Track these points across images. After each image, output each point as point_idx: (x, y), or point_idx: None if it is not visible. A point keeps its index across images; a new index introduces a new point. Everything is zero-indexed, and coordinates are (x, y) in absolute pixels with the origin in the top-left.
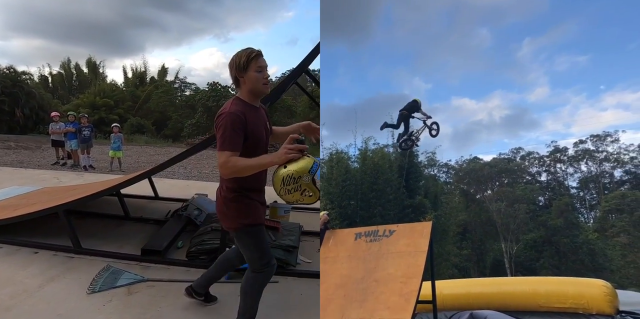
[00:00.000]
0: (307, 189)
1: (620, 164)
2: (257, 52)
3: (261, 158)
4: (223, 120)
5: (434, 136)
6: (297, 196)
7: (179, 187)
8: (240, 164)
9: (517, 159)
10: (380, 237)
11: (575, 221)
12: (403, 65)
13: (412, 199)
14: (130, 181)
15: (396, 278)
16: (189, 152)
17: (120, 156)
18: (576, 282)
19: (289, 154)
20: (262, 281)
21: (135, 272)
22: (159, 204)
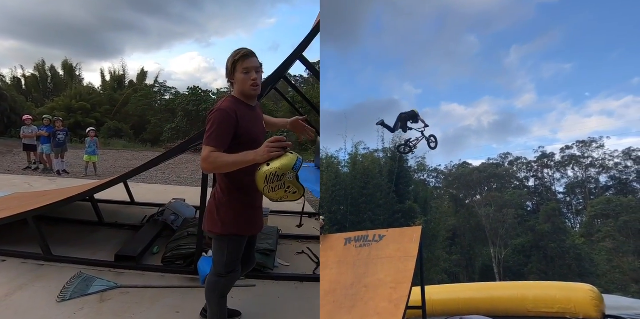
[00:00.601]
0: (291, 186)
1: (605, 170)
2: (242, 54)
3: (243, 155)
4: (213, 115)
5: (433, 148)
6: (281, 194)
7: (156, 192)
8: (220, 160)
9: (505, 165)
10: (370, 242)
11: (563, 226)
12: (393, 70)
13: (402, 204)
14: (104, 185)
15: (386, 283)
16: (166, 156)
17: (96, 160)
18: (563, 287)
19: (272, 152)
20: (224, 286)
21: (108, 279)
22: (135, 209)
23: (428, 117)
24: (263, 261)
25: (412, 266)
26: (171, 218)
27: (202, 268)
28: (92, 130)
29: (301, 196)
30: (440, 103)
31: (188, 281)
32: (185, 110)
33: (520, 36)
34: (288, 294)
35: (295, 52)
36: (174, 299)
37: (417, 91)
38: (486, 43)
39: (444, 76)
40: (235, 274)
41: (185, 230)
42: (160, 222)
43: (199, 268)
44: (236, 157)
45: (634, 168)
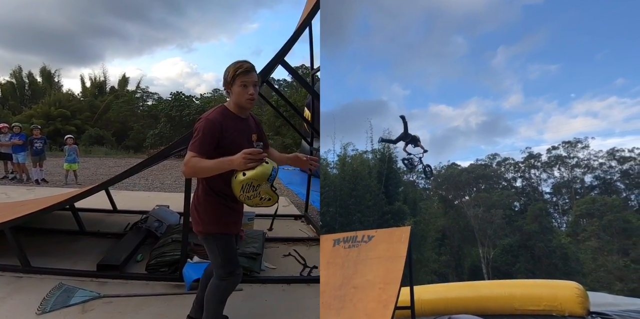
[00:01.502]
0: (265, 195)
1: (590, 170)
2: (244, 69)
3: (220, 161)
4: (199, 124)
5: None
6: (256, 201)
7: (139, 199)
8: (199, 165)
9: (493, 165)
10: (359, 243)
11: (549, 225)
12: (381, 71)
13: (391, 205)
14: (84, 193)
15: (375, 284)
16: (148, 162)
17: (76, 168)
18: (550, 284)
19: (248, 163)
20: (224, 289)
21: (90, 289)
22: (117, 217)
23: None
24: (249, 264)
25: (400, 266)
26: (155, 225)
27: (187, 274)
28: (70, 137)
29: (275, 202)
30: (428, 104)
31: (173, 288)
32: (168, 115)
33: (507, 37)
34: (276, 297)
35: (277, 57)
36: (159, 307)
37: (405, 92)
38: (474, 44)
39: (432, 77)
40: (235, 277)
41: (169, 236)
42: (143, 230)
43: (184, 275)
44: (214, 163)
45: (617, 168)
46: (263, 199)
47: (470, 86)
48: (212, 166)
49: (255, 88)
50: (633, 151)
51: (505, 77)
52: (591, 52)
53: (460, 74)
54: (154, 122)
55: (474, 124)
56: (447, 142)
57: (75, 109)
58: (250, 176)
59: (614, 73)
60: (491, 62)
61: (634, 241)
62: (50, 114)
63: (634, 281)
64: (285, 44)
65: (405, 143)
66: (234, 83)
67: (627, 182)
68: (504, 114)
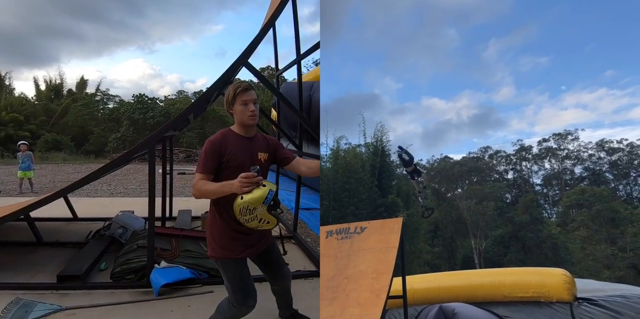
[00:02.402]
0: (263, 218)
1: (579, 161)
2: (243, 88)
3: (222, 185)
4: (204, 146)
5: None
6: (255, 224)
7: (101, 206)
8: (204, 188)
9: (485, 158)
10: (351, 234)
11: (540, 216)
12: (373, 65)
13: (384, 198)
14: (40, 202)
15: (367, 274)
16: (108, 167)
17: (31, 176)
18: (538, 272)
19: (243, 186)
20: (232, 315)
21: (51, 302)
22: (78, 225)
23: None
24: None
25: (393, 256)
26: (119, 232)
27: (155, 280)
28: (23, 144)
29: (274, 225)
30: (420, 97)
31: (141, 294)
32: (130, 118)
33: (499, 29)
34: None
35: (240, 58)
36: (126, 316)
37: (398, 85)
38: (465, 37)
39: (424, 70)
40: (243, 308)
41: (134, 243)
42: (106, 237)
43: (151, 280)
44: (216, 187)
45: (606, 159)
46: (262, 221)
47: (463, 79)
48: (214, 189)
49: (256, 105)
50: (621, 142)
51: (497, 69)
52: (581, 44)
53: (452, 66)
54: (115, 126)
55: (466, 117)
56: (440, 136)
57: (29, 113)
58: (246, 199)
59: (604, 65)
60: (483, 54)
61: (622, 230)
62: (1, 119)
63: (621, 269)
64: (249, 46)
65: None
66: (234, 102)
67: (616, 173)
68: (495, 106)
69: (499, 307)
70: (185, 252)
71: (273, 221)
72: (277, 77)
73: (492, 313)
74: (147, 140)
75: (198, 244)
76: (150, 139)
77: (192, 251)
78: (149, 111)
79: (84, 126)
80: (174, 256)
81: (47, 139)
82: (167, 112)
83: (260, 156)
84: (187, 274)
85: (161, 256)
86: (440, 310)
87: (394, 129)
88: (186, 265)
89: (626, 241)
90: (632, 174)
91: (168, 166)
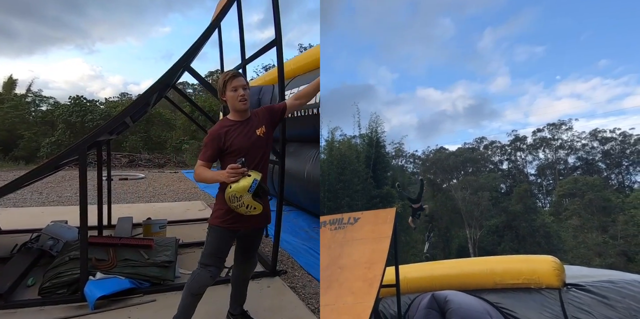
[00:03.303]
0: (249, 204)
1: (573, 151)
2: (231, 74)
3: (215, 174)
4: (205, 137)
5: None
6: (243, 210)
7: (30, 216)
8: (202, 175)
9: (480, 149)
10: (345, 224)
11: (533, 206)
12: (367, 55)
13: (379, 189)
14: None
15: (360, 264)
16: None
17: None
18: (528, 259)
19: (231, 176)
20: (196, 280)
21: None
22: (1, 239)
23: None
24: (162, 273)
25: (386, 246)
26: (49, 243)
27: (89, 292)
28: None
29: (261, 210)
30: (416, 88)
31: (74, 309)
32: (67, 121)
33: (494, 19)
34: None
35: (181, 61)
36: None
37: (393, 75)
38: (461, 26)
39: (419, 60)
40: (206, 271)
41: (66, 255)
42: (34, 250)
43: (85, 294)
44: (211, 175)
45: (599, 149)
46: (249, 207)
47: (458, 69)
48: (210, 177)
49: (246, 91)
50: (614, 132)
51: (492, 59)
52: (576, 33)
53: (447, 56)
54: (49, 129)
55: (461, 108)
56: (435, 127)
57: None
58: (234, 188)
59: (598, 54)
60: (478, 44)
61: (613, 218)
62: None
63: (612, 256)
64: (191, 48)
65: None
66: (225, 90)
67: (608, 162)
68: (490, 97)
69: (490, 294)
70: (124, 261)
71: (259, 207)
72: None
73: (483, 299)
74: (77, 144)
75: (138, 253)
76: (81, 144)
77: (132, 260)
78: (88, 113)
79: (12, 129)
80: (112, 266)
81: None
82: (108, 115)
83: (259, 132)
84: (126, 284)
85: (96, 267)
86: (433, 298)
87: (389, 120)
88: (125, 275)
89: (617, 229)
90: (624, 163)
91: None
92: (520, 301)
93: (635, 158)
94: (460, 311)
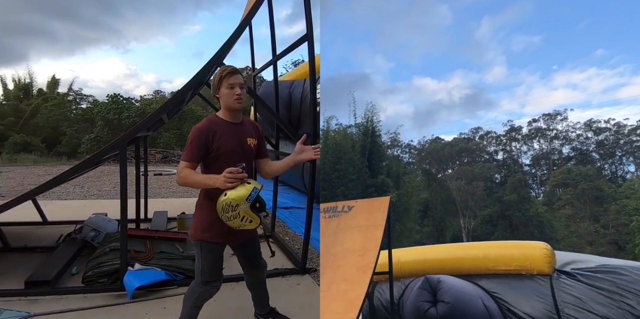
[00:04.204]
0: (245, 216)
1: (567, 141)
2: (229, 71)
3: (207, 178)
4: (190, 134)
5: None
6: (237, 223)
7: (73, 209)
8: (189, 178)
9: (476, 139)
10: (339, 213)
11: (527, 196)
12: (364, 43)
13: (374, 178)
14: (5, 206)
15: (354, 251)
16: (77, 169)
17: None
18: (521, 245)
19: (228, 182)
20: (200, 296)
21: (18, 308)
22: (48, 229)
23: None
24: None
25: (379, 234)
26: (91, 235)
27: (128, 282)
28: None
29: (257, 225)
30: (412, 77)
31: (114, 298)
32: (105, 119)
33: (491, 7)
34: (224, 296)
35: (214, 59)
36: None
37: (389, 64)
38: (458, 14)
39: (416, 49)
40: (212, 288)
41: (107, 246)
42: (78, 241)
43: (125, 283)
44: (201, 179)
45: (593, 139)
46: (244, 220)
47: (455, 58)
48: (199, 181)
49: (242, 90)
50: (609, 122)
51: (490, 48)
52: (574, 22)
53: (444, 45)
54: (89, 126)
55: (457, 98)
56: (431, 116)
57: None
58: (230, 196)
59: (595, 44)
60: (476, 33)
61: (605, 208)
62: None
63: (603, 245)
64: (223, 46)
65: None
66: (220, 86)
67: (602, 153)
68: (487, 87)
69: (482, 279)
70: (160, 253)
71: (256, 219)
72: (254, 78)
73: (474, 284)
74: (117, 141)
75: (173, 246)
76: (121, 140)
77: (168, 253)
78: (124, 111)
79: (55, 126)
80: (149, 258)
81: (16, 140)
82: (143, 112)
83: (250, 141)
84: (162, 276)
85: (135, 258)
86: (426, 279)
87: (385, 109)
88: (161, 267)
89: (609, 218)
90: (617, 154)
91: (143, 167)
92: (512, 288)
93: (629, 148)
94: (452, 291)
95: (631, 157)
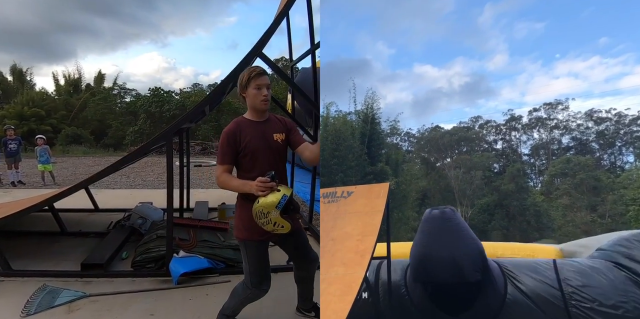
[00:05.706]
0: (277, 222)
1: (567, 131)
2: (257, 72)
3: (243, 184)
4: (220, 138)
5: None
6: (270, 227)
7: (121, 197)
8: (227, 184)
9: (475, 128)
10: (338, 198)
11: (525, 185)
12: (365, 27)
13: (373, 166)
14: (63, 194)
15: (352, 236)
16: (125, 160)
17: (50, 169)
18: (531, 248)
19: (259, 190)
20: (246, 298)
21: (75, 289)
22: (99, 216)
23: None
24: (235, 256)
25: (378, 219)
26: (138, 222)
27: (174, 268)
28: (40, 138)
29: (289, 230)
30: (413, 64)
31: (160, 283)
32: (147, 112)
33: None
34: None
35: (254, 49)
36: (147, 303)
37: (390, 50)
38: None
39: (417, 35)
40: (260, 292)
41: (154, 233)
42: (127, 227)
43: (170, 269)
44: (237, 185)
45: (594, 129)
46: (277, 225)
47: (456, 45)
48: (236, 186)
49: (269, 90)
50: (610, 112)
51: (492, 35)
52: (578, 9)
53: (446, 32)
54: (133, 119)
55: (458, 86)
56: (430, 104)
57: (50, 108)
58: (261, 203)
59: (599, 32)
60: (478, 19)
61: (602, 198)
62: (23, 114)
63: (599, 234)
64: (262, 37)
65: None
66: (248, 86)
67: (602, 143)
68: (488, 75)
69: None
70: (203, 242)
71: (287, 225)
72: (292, 68)
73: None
74: (164, 132)
75: (215, 235)
76: (167, 131)
77: (210, 241)
78: (165, 104)
79: (102, 119)
80: (192, 246)
81: (67, 132)
82: (183, 105)
83: (276, 136)
84: (205, 263)
85: (180, 245)
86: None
87: (384, 96)
88: (204, 255)
89: (606, 208)
90: (617, 144)
91: (185, 158)
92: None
93: (629, 139)
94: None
95: (631, 147)
